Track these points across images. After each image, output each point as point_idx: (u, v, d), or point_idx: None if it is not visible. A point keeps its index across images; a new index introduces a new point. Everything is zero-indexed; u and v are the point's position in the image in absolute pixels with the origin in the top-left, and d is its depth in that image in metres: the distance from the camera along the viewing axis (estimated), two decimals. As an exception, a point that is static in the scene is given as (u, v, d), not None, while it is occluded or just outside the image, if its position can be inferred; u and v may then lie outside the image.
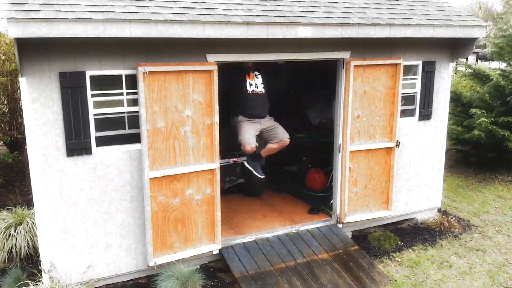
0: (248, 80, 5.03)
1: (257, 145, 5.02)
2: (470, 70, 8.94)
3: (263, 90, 5.09)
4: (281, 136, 5.07)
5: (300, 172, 7.34)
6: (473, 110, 7.90)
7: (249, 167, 5.19)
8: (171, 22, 3.91)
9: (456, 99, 8.84)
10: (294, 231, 5.38)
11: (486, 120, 7.58)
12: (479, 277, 5.02)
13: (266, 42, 4.63)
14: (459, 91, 9.08)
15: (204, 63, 4.47)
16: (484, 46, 14.88)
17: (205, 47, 4.44)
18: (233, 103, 5.24)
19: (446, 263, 5.30)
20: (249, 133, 4.95)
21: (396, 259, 5.38)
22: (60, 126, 4.06)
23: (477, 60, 16.38)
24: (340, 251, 5.09)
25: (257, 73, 5.12)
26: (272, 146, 5.13)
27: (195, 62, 4.43)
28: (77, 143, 4.14)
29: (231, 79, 5.11)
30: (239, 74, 5.09)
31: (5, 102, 7.40)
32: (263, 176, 5.16)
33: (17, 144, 7.45)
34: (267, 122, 5.13)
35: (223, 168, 5.80)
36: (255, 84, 5.05)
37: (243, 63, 5.15)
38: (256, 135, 5.15)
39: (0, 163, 7.39)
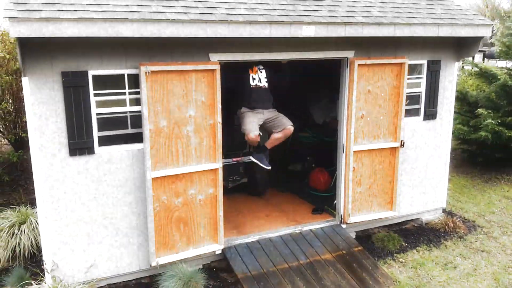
0: (251, 75, 5.02)
1: (261, 134, 4.97)
2: (477, 69, 8.85)
3: (266, 85, 5.08)
4: (285, 124, 5.03)
5: (304, 171, 7.30)
6: (480, 110, 7.82)
7: (255, 160, 5.16)
8: (173, 21, 3.89)
9: (462, 98, 8.76)
10: (297, 231, 5.36)
11: (493, 121, 7.50)
12: (484, 279, 4.96)
13: (269, 41, 4.60)
14: (465, 90, 9.00)
15: (207, 62, 4.45)
16: (491, 44, 14.76)
17: (208, 47, 4.42)
18: (236, 98, 5.23)
19: (450, 265, 5.25)
20: (252, 122, 4.92)
21: (400, 260, 5.34)
22: (63, 126, 4.06)
23: (484, 59, 16.24)
24: (344, 251, 5.06)
25: (261, 67, 5.09)
26: (277, 136, 5.10)
27: (198, 61, 4.41)
28: (79, 143, 4.13)
29: (234, 75, 5.09)
30: (242, 69, 5.08)
31: (10, 101, 7.42)
32: (270, 167, 5.14)
33: (22, 143, 7.47)
34: (270, 113, 5.12)
35: (226, 168, 5.79)
36: (258, 78, 5.04)
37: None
38: (260, 125, 5.10)
39: (5, 161, 7.41)
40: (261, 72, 5.09)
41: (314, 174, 6.85)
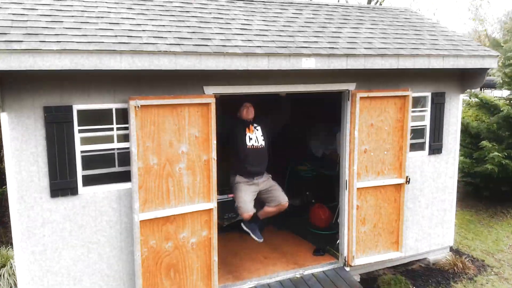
0: (247, 134, 4.76)
1: (255, 210, 4.77)
2: (477, 100, 8.69)
3: (263, 144, 4.82)
4: (280, 200, 4.82)
5: (303, 207, 6.96)
6: (484, 143, 7.60)
7: (247, 230, 4.91)
8: (165, 53, 3.64)
9: (463, 130, 8.55)
10: (298, 276, 4.97)
11: (499, 154, 7.27)
12: (501, 328, 4.59)
13: (267, 74, 4.36)
14: (466, 121, 8.81)
15: (201, 95, 4.19)
16: (487, 74, 14.67)
17: (202, 79, 4.17)
18: (231, 156, 4.96)
19: (463, 311, 4.88)
20: (246, 199, 4.71)
21: (409, 306, 4.96)
22: (44, 164, 3.74)
23: (481, 89, 16.21)
24: (348, 298, 4.68)
25: (256, 125, 4.85)
26: (270, 210, 4.91)
27: (192, 95, 4.15)
28: (62, 183, 3.80)
29: (231, 127, 4.83)
30: (239, 125, 4.82)
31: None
32: (262, 240, 4.90)
33: (5, 178, 7.11)
34: (265, 183, 4.89)
35: (221, 204, 5.44)
36: (255, 137, 4.80)
37: (243, 115, 4.87)
38: (255, 196, 4.89)
39: (-12, 197, 7.05)
40: (257, 130, 4.83)
41: (314, 211, 6.51)
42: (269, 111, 5.36)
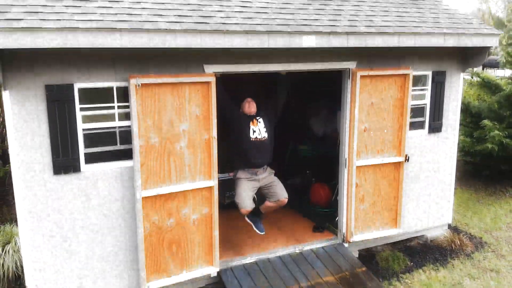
0: (251, 127, 4.76)
1: (254, 206, 4.83)
2: (479, 79, 8.65)
3: (266, 136, 4.81)
4: (279, 196, 4.87)
5: (304, 185, 7.03)
6: (485, 122, 7.60)
7: (249, 222, 5.00)
8: (165, 31, 3.64)
9: (464, 109, 8.54)
10: (298, 251, 5.07)
11: (500, 133, 7.27)
12: (496, 302, 4.70)
13: (267, 52, 4.36)
14: (467, 100, 8.78)
15: (202, 74, 4.20)
16: (489, 53, 14.54)
17: (203, 58, 4.17)
18: (233, 150, 4.97)
19: (458, 286, 4.99)
20: (244, 195, 4.76)
21: (406, 281, 5.07)
22: (46, 142, 3.78)
23: (483, 68, 16.10)
24: (347, 273, 4.77)
25: (258, 117, 4.84)
26: (270, 205, 4.98)
27: (192, 73, 4.16)
28: (64, 160, 3.86)
29: (236, 117, 4.83)
30: (242, 119, 4.80)
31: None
32: (263, 233, 4.99)
33: (9, 157, 7.16)
34: (267, 178, 4.93)
35: (222, 183, 5.52)
36: (259, 130, 4.79)
37: (246, 110, 4.83)
38: (255, 192, 4.95)
39: (-9, 176, 7.11)
40: (259, 122, 4.82)
41: (314, 189, 6.57)
42: (270, 93, 5.35)
